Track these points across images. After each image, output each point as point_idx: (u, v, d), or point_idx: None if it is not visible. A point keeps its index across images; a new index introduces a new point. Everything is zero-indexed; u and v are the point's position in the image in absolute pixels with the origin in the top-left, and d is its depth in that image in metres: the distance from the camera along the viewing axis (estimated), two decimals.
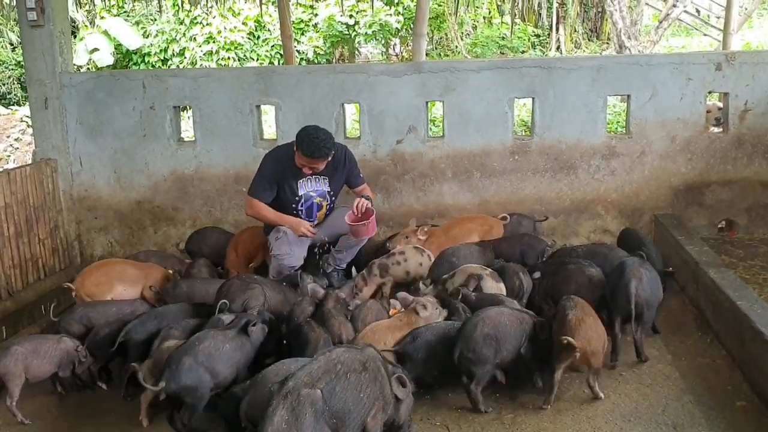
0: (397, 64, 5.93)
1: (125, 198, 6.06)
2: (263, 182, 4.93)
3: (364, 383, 2.82)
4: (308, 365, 2.77)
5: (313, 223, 5.09)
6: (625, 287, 3.85)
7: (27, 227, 5.45)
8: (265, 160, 5.02)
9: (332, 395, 2.70)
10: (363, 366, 2.85)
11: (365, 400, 2.80)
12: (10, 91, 16.24)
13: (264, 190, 4.93)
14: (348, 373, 2.78)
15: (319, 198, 5.10)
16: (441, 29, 17.00)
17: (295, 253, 4.95)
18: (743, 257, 5.11)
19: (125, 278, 4.77)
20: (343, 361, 2.81)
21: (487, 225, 5.35)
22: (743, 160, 5.72)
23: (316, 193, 5.07)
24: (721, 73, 5.61)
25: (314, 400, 2.64)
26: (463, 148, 5.79)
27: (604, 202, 5.81)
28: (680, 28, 18.23)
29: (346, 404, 2.73)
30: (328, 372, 2.75)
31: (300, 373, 2.73)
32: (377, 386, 2.87)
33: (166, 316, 4.09)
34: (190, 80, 5.90)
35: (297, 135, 4.79)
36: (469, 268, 4.39)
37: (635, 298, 3.82)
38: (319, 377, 2.72)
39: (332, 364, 2.78)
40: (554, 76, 5.65)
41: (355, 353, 2.91)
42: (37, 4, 5.63)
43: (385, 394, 2.93)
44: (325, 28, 15.80)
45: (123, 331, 3.90)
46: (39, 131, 5.97)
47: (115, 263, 5.01)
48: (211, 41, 15.73)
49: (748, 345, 3.62)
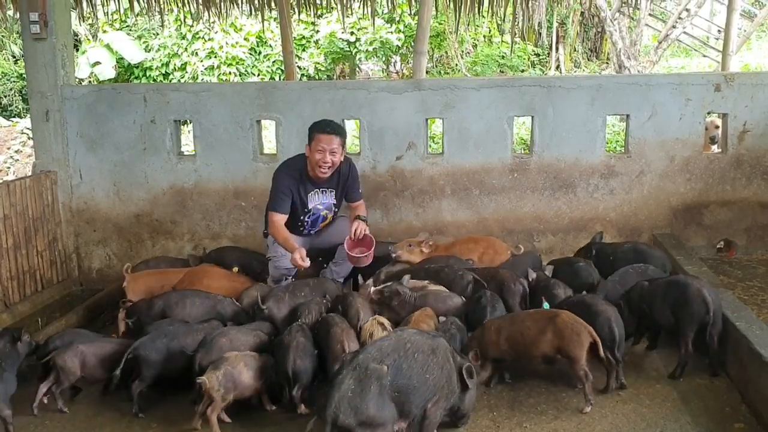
0: (398, 81, 5.96)
1: (124, 211, 6.06)
2: (281, 195, 4.90)
3: (431, 366, 3.06)
4: (380, 341, 3.07)
5: (313, 232, 5.17)
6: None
7: (26, 239, 5.44)
8: (278, 174, 4.98)
9: (398, 371, 2.93)
10: (432, 350, 3.09)
11: (430, 382, 3.03)
12: (12, 104, 16.28)
13: (283, 203, 4.90)
14: (416, 353, 3.02)
15: (326, 211, 5.13)
16: (441, 47, 17.09)
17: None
18: (742, 278, 5.11)
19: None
20: (413, 341, 3.05)
21: (492, 249, 5.29)
22: (742, 180, 5.74)
23: (323, 206, 5.10)
24: (720, 93, 5.63)
25: (380, 374, 2.88)
26: (463, 166, 5.80)
27: (603, 221, 5.82)
28: (679, 49, 18.35)
29: (410, 381, 2.95)
30: (397, 349, 2.98)
31: (371, 348, 3.01)
32: (444, 374, 3.11)
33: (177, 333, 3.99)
34: (191, 94, 5.92)
35: (309, 129, 4.89)
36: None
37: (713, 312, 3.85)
38: (388, 353, 2.96)
39: (402, 342, 3.04)
40: (554, 95, 5.68)
41: (426, 337, 3.15)
42: (40, 18, 5.66)
43: (451, 384, 3.16)
44: (326, 44, 15.89)
45: (131, 348, 3.82)
46: (39, 143, 5.98)
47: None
48: (212, 56, 15.83)
49: (747, 366, 3.60)
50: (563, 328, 3.67)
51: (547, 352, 3.71)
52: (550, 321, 3.73)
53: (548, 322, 3.73)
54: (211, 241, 6.02)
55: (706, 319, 3.83)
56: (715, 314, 3.84)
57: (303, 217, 5.06)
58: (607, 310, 3.88)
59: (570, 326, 3.67)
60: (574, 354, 3.62)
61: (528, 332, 3.76)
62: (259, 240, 5.81)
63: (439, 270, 4.74)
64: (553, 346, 3.68)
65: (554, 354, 3.70)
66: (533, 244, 5.85)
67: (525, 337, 3.75)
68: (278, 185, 4.93)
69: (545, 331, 3.70)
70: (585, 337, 3.64)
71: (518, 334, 3.78)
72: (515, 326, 3.83)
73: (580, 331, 3.65)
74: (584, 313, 3.84)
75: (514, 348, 3.78)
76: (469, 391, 3.27)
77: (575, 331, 3.65)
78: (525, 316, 3.95)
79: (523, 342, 3.76)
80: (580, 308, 3.92)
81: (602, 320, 3.80)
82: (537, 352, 3.73)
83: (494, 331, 3.84)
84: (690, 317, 3.88)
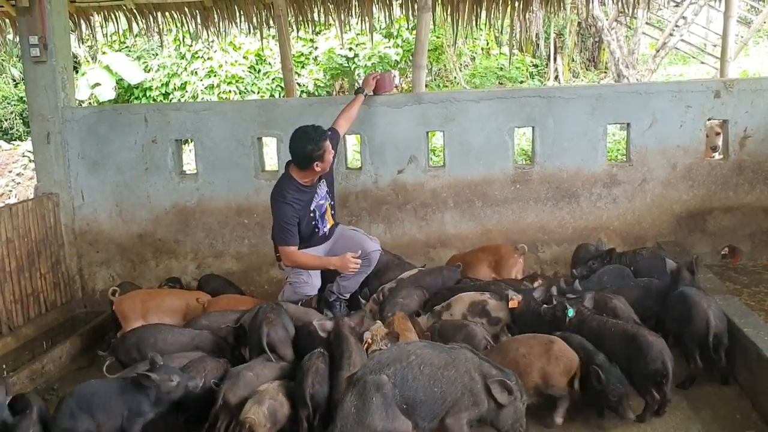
0: (398, 95, 5.95)
1: (127, 231, 6.06)
2: (288, 227, 4.78)
3: (442, 380, 2.97)
4: (380, 354, 3.01)
5: (326, 228, 5.12)
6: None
7: (29, 262, 5.44)
8: (278, 206, 4.81)
9: (404, 382, 2.88)
10: (445, 364, 3.00)
11: (439, 395, 2.94)
12: (12, 127, 16.34)
13: (292, 235, 4.80)
14: (422, 365, 2.95)
15: (324, 200, 5.09)
16: (440, 60, 17.15)
17: (313, 283, 4.98)
18: (747, 284, 5.08)
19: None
20: (419, 353, 3.02)
21: (498, 256, 5.31)
22: (744, 186, 5.73)
23: (323, 198, 5.07)
24: (719, 100, 5.63)
25: (379, 384, 2.81)
26: (465, 178, 5.80)
27: (607, 230, 5.80)
28: (677, 57, 18.39)
29: (416, 393, 2.90)
30: (398, 360, 2.95)
31: (369, 362, 2.98)
32: (460, 386, 3.00)
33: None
34: (191, 113, 5.93)
35: (309, 147, 4.71)
36: (469, 297, 4.38)
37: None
38: (387, 364, 2.94)
39: (404, 353, 2.99)
40: (554, 106, 5.68)
41: (439, 351, 3.10)
42: (40, 41, 5.69)
43: (475, 395, 3.04)
44: (325, 61, 15.95)
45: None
46: (41, 166, 5.99)
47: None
48: (212, 75, 15.89)
49: (756, 373, 3.58)
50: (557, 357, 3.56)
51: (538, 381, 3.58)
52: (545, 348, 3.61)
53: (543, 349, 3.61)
54: (215, 259, 6.02)
55: (706, 339, 3.78)
56: (718, 336, 3.78)
57: (313, 220, 4.98)
58: (658, 342, 3.63)
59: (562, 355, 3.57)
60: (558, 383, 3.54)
61: (522, 360, 3.61)
62: (262, 257, 5.83)
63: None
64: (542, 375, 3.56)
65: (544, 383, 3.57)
66: (538, 254, 5.83)
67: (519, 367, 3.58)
68: (283, 217, 4.78)
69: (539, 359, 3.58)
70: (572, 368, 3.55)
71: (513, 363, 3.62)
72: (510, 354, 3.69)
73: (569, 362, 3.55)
74: (629, 345, 3.67)
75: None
76: (505, 407, 3.10)
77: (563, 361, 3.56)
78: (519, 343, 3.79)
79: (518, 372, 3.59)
80: (623, 340, 3.73)
81: (655, 354, 3.56)
82: (530, 381, 3.57)
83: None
84: (691, 336, 3.84)
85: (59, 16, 5.87)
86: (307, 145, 4.72)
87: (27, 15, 5.70)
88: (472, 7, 7.55)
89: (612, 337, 3.78)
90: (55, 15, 5.78)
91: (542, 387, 3.57)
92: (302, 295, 4.94)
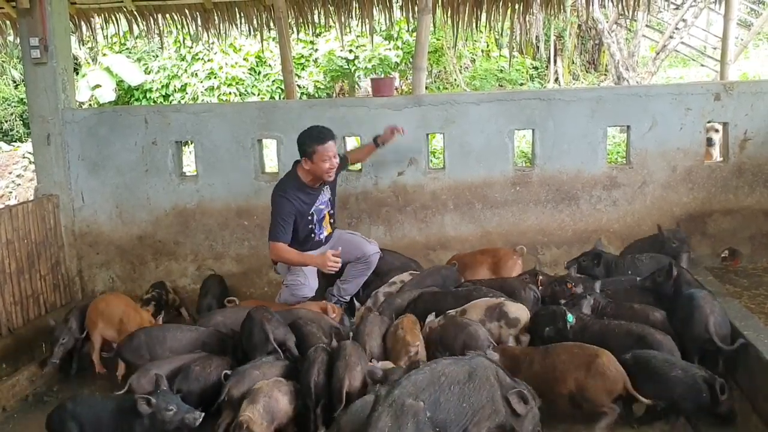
0: (398, 97, 5.98)
1: (127, 233, 6.06)
2: (282, 223, 4.84)
3: (468, 393, 2.97)
4: (414, 375, 2.92)
5: (323, 235, 5.16)
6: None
7: (28, 263, 5.43)
8: (278, 200, 4.89)
9: (436, 406, 2.86)
10: (468, 376, 3.00)
11: (468, 409, 2.94)
12: (13, 128, 16.35)
13: (285, 233, 4.85)
14: (452, 386, 2.94)
15: (324, 207, 5.12)
16: (440, 63, 17.16)
17: (310, 284, 5.00)
18: (747, 286, 5.07)
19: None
20: (447, 373, 2.97)
21: (497, 258, 5.33)
22: (744, 189, 5.73)
23: (323, 204, 5.09)
24: (719, 103, 5.64)
25: (417, 411, 2.77)
26: (464, 180, 5.80)
27: (607, 233, 5.80)
28: (677, 59, 18.40)
29: (448, 415, 2.89)
30: (433, 383, 2.91)
31: (406, 382, 2.88)
32: (483, 394, 3.01)
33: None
34: (191, 115, 5.94)
35: (303, 141, 4.88)
36: (484, 302, 4.36)
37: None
38: (423, 388, 2.88)
39: (437, 375, 2.94)
40: (554, 108, 5.68)
41: (461, 364, 3.07)
42: (40, 42, 5.69)
43: (495, 402, 3.04)
44: (325, 62, 15.96)
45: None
46: (41, 167, 5.99)
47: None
48: (212, 77, 15.89)
49: (756, 375, 3.58)
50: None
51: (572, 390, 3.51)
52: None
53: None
54: (215, 261, 6.02)
55: (705, 346, 3.76)
56: (720, 343, 3.75)
57: (309, 224, 5.02)
58: (666, 341, 3.63)
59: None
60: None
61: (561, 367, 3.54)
62: (262, 259, 5.81)
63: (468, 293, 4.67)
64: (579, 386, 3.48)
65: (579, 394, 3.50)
66: (537, 257, 5.83)
67: (555, 372, 3.54)
68: (280, 212, 4.85)
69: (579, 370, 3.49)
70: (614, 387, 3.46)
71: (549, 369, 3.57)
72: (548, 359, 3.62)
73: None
74: (637, 344, 3.68)
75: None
76: (524, 417, 3.12)
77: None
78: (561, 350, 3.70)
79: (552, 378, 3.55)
80: (630, 340, 3.76)
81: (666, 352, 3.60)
82: (565, 389, 3.51)
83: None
84: (691, 340, 3.82)
85: (60, 17, 5.88)
86: (304, 138, 4.88)
87: (28, 16, 5.70)
88: (473, 9, 7.57)
89: (616, 337, 3.79)
90: (55, 16, 5.78)
91: (578, 398, 3.50)
92: (299, 296, 4.95)
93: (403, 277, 5.11)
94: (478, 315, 4.25)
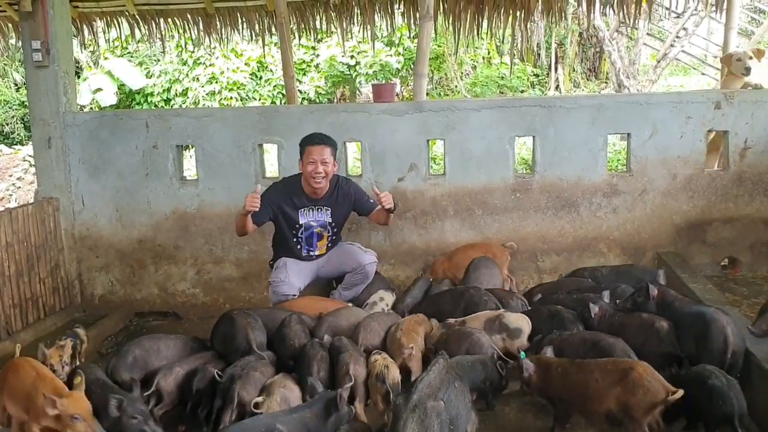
0: (399, 103, 5.99)
1: (126, 237, 6.06)
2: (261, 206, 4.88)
3: (464, 391, 3.10)
4: (426, 377, 2.96)
5: (314, 253, 5.20)
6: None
7: (28, 266, 5.43)
8: (270, 187, 5.11)
9: (449, 403, 2.92)
10: (458, 375, 3.13)
11: (469, 405, 3.08)
12: (14, 131, 16.38)
13: (258, 213, 4.87)
14: (455, 381, 3.04)
15: (320, 228, 5.13)
16: (441, 69, 17.19)
17: (290, 281, 4.99)
18: (747, 295, 5.07)
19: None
20: (449, 369, 3.07)
21: (490, 253, 5.39)
22: (744, 197, 5.73)
23: (317, 223, 5.10)
24: (720, 111, 5.64)
25: (439, 411, 2.84)
26: (465, 186, 5.80)
27: (607, 240, 5.80)
28: (678, 67, 18.44)
29: (458, 410, 2.98)
30: (444, 381, 2.98)
31: (421, 385, 2.90)
32: (467, 396, 3.15)
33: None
34: (192, 119, 5.94)
35: (300, 144, 5.02)
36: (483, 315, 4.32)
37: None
38: (438, 387, 2.93)
39: (443, 373, 3.01)
40: (554, 115, 5.69)
41: (450, 363, 3.16)
42: (42, 45, 5.71)
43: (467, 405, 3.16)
44: (326, 68, 15.99)
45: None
46: (42, 170, 5.99)
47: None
48: (213, 81, 15.92)
49: (756, 383, 3.57)
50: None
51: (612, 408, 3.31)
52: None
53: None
54: (214, 265, 6.02)
55: (723, 359, 3.66)
56: (735, 355, 3.65)
57: (296, 233, 5.08)
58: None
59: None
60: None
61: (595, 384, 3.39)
62: (261, 264, 5.80)
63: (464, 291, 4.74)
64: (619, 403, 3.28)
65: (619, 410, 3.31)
66: (537, 264, 5.83)
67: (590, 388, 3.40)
68: (263, 196, 4.87)
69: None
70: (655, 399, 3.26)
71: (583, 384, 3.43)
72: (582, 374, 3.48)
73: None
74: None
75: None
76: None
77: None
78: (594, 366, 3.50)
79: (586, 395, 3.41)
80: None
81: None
82: (601, 408, 3.35)
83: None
84: (709, 355, 3.69)
85: (62, 21, 5.89)
86: (301, 140, 5.01)
87: (30, 20, 5.72)
88: (474, 16, 7.58)
89: (628, 327, 3.97)
90: (57, 20, 5.79)
91: (618, 415, 3.29)
92: (281, 294, 4.97)
93: (382, 294, 5.14)
94: (477, 327, 4.21)
